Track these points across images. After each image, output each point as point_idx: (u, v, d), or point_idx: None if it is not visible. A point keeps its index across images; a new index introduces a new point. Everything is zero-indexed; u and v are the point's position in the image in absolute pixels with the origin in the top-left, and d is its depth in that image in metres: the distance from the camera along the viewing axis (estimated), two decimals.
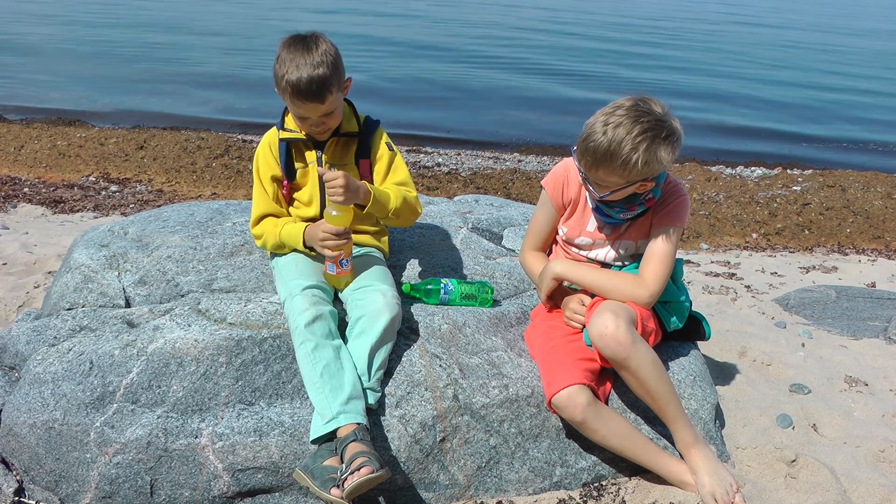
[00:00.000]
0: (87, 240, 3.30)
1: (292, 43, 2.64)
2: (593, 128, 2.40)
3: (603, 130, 2.37)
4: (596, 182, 2.50)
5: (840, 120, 14.18)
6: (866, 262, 6.34)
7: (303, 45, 2.62)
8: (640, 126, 2.35)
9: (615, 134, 2.34)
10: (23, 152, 8.79)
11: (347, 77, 2.74)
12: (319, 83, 2.57)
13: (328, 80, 2.58)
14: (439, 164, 9.65)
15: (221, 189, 7.93)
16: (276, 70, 2.63)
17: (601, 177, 2.45)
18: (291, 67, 2.57)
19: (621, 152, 2.34)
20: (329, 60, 2.60)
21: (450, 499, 2.48)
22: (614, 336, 2.34)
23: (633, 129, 2.34)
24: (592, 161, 2.42)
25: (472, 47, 20.60)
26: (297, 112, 2.67)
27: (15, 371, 2.80)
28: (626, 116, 2.36)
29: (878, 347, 3.81)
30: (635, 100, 2.42)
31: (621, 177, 2.42)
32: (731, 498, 2.39)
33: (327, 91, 2.60)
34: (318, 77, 2.56)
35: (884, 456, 2.75)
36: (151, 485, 2.36)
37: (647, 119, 2.37)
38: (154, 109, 12.13)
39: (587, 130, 2.42)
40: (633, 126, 2.34)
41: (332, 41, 2.70)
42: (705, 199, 8.43)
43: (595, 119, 2.42)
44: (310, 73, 2.55)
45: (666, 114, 2.41)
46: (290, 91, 2.58)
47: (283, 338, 2.57)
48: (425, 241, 3.36)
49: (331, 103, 2.64)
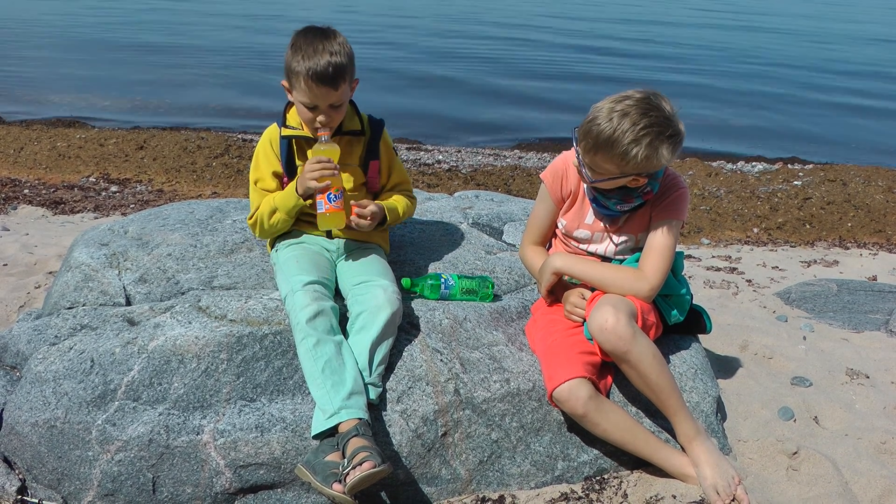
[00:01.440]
0: (87, 239, 3.30)
1: (309, 31, 2.68)
2: (599, 111, 2.39)
3: (609, 117, 2.36)
4: (590, 166, 2.49)
5: (841, 114, 14.17)
6: (867, 255, 6.34)
7: (321, 33, 2.67)
8: (646, 119, 2.34)
9: (620, 122, 2.34)
10: (22, 154, 8.79)
11: (356, 78, 2.77)
12: (336, 68, 2.59)
13: (344, 68, 2.62)
14: (439, 162, 9.65)
15: (222, 188, 7.93)
16: (290, 56, 2.64)
17: (598, 162, 2.44)
18: (309, 51, 2.59)
19: (623, 141, 2.34)
20: (346, 51, 2.65)
21: (452, 493, 2.48)
22: (614, 330, 2.34)
23: (639, 121, 2.34)
24: (593, 145, 2.41)
25: (474, 44, 20.59)
26: (307, 99, 2.65)
27: (16, 370, 2.80)
28: (635, 108, 2.36)
29: (880, 340, 3.80)
30: (647, 93, 2.41)
31: (617, 166, 2.41)
32: (733, 490, 2.38)
33: (342, 79, 2.62)
34: (336, 63, 2.59)
35: (885, 448, 2.75)
36: (153, 482, 2.37)
37: (654, 114, 2.36)
38: (153, 109, 12.13)
39: (593, 113, 2.41)
40: (639, 118, 2.34)
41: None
42: (706, 194, 8.43)
43: (602, 104, 2.41)
44: (328, 58, 2.58)
45: (674, 114, 2.41)
46: (306, 74, 2.58)
47: (284, 334, 2.57)
48: (426, 237, 3.36)
49: (342, 94, 2.66)
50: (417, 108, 12.85)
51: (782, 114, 14.00)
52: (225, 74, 15.03)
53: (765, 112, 14.07)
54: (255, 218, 2.83)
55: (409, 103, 13.12)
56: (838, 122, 13.65)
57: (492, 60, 18.21)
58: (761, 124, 13.13)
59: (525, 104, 13.67)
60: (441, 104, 13.47)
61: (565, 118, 12.35)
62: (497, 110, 13.19)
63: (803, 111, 14.31)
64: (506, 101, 13.93)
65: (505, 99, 14.07)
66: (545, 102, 13.84)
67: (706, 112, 13.20)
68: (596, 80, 16.00)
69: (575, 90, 14.83)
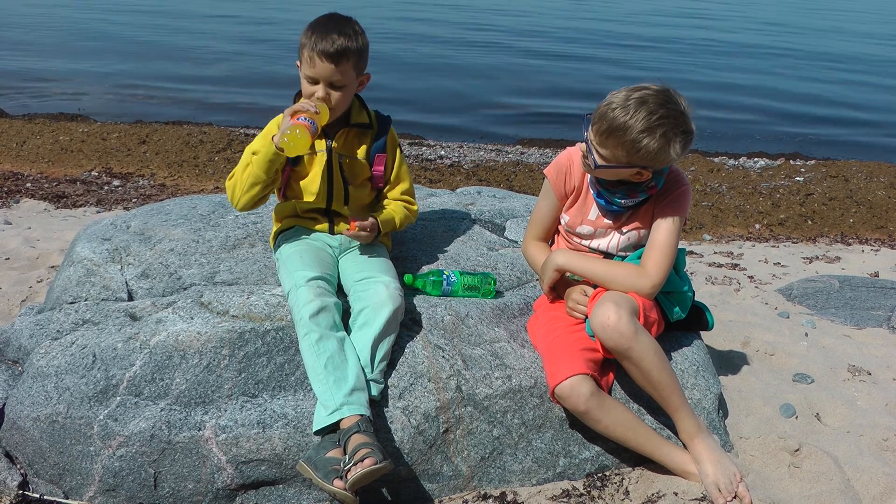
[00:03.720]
0: (89, 233, 3.30)
1: (330, 15, 2.76)
2: (616, 97, 2.40)
3: (625, 103, 2.36)
4: (599, 151, 2.49)
5: (844, 109, 14.13)
6: (869, 251, 6.33)
7: (340, 18, 2.76)
8: (663, 111, 2.35)
9: (637, 110, 2.34)
10: (25, 147, 8.79)
11: (367, 72, 2.81)
12: (341, 46, 2.66)
13: (349, 50, 2.67)
14: (441, 157, 9.63)
15: (224, 183, 7.93)
16: (306, 35, 2.71)
17: (609, 146, 2.44)
18: (322, 29, 2.67)
19: (636, 128, 2.34)
20: (358, 38, 2.73)
21: (453, 490, 2.48)
22: (616, 327, 2.34)
23: (656, 111, 2.34)
24: (606, 128, 2.40)
25: (477, 38, 20.55)
26: (309, 72, 2.69)
27: (18, 365, 2.81)
28: (653, 98, 2.36)
29: (882, 337, 3.80)
30: (664, 87, 2.43)
31: (627, 154, 2.41)
32: (735, 487, 2.38)
33: (345, 59, 2.67)
34: (343, 43, 2.66)
35: (887, 445, 2.75)
36: (155, 477, 2.37)
37: (671, 107, 2.37)
38: (156, 103, 12.12)
39: (609, 99, 2.42)
40: (656, 108, 2.34)
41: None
42: (708, 190, 8.41)
43: (619, 91, 2.42)
44: (336, 36, 2.66)
45: (688, 112, 2.42)
46: (312, 46, 2.65)
47: (286, 330, 2.57)
48: (428, 233, 3.36)
49: (344, 75, 2.69)
50: (420, 103, 12.83)
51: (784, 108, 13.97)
52: (228, 69, 15.01)
53: (767, 106, 14.04)
54: (233, 180, 2.85)
55: (412, 97, 13.09)
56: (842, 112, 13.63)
57: (496, 53, 18.16)
58: (762, 119, 13.10)
59: (528, 97, 13.64)
60: (443, 96, 13.45)
61: (569, 114, 12.32)
62: (500, 104, 13.16)
63: (804, 105, 14.28)
64: (509, 94, 13.90)
65: (507, 92, 14.04)
66: (548, 95, 13.81)
67: (707, 108, 13.16)
68: (601, 75, 15.97)
69: (580, 84, 14.80)
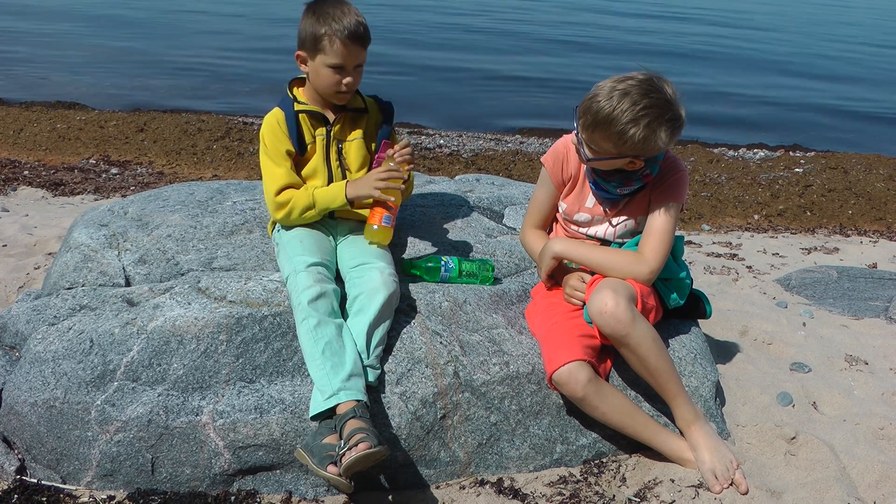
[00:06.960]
0: (86, 219, 3.29)
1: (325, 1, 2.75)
2: (601, 89, 2.39)
3: (609, 95, 2.35)
4: (588, 144, 2.48)
5: (846, 102, 14.11)
6: (868, 243, 6.33)
7: (340, 2, 2.76)
8: (646, 100, 2.33)
9: (620, 102, 2.33)
10: (22, 135, 8.76)
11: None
12: (365, 27, 2.72)
13: (368, 26, 2.75)
14: (441, 146, 9.60)
15: (222, 171, 7.90)
16: (313, 22, 2.70)
17: (595, 140, 2.44)
18: (339, 14, 2.68)
19: (621, 120, 2.33)
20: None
21: (450, 476, 2.48)
22: (614, 313, 2.34)
23: (639, 101, 2.33)
24: (591, 122, 2.40)
25: (475, 27, 20.49)
26: (339, 59, 2.70)
27: (15, 350, 2.80)
28: (636, 88, 2.35)
29: (879, 327, 3.81)
30: (650, 75, 2.41)
31: (615, 146, 2.40)
32: (731, 475, 2.39)
33: (370, 38, 2.74)
34: (364, 22, 2.72)
35: (883, 433, 2.75)
36: (152, 463, 2.37)
37: (655, 96, 2.35)
38: (153, 92, 12.08)
39: (594, 91, 2.41)
40: (640, 98, 2.33)
41: None
42: (707, 180, 8.40)
43: (604, 83, 2.41)
44: (357, 17, 2.71)
45: (675, 98, 2.40)
46: (342, 33, 2.66)
47: (284, 315, 2.57)
48: (426, 220, 3.35)
49: (365, 56, 2.76)
50: (419, 92, 12.79)
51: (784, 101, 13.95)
52: (226, 57, 14.95)
53: (766, 99, 14.01)
54: (288, 207, 2.74)
55: (411, 87, 13.06)
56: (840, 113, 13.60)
57: (494, 45, 18.11)
58: (763, 111, 13.08)
59: (527, 88, 13.60)
60: (442, 88, 13.41)
61: (567, 103, 12.28)
62: (498, 95, 13.13)
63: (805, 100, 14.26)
64: (508, 85, 13.86)
65: (507, 83, 14.00)
66: (547, 87, 13.77)
67: (707, 101, 13.13)
68: (600, 65, 15.92)
69: (579, 76, 14.77)
